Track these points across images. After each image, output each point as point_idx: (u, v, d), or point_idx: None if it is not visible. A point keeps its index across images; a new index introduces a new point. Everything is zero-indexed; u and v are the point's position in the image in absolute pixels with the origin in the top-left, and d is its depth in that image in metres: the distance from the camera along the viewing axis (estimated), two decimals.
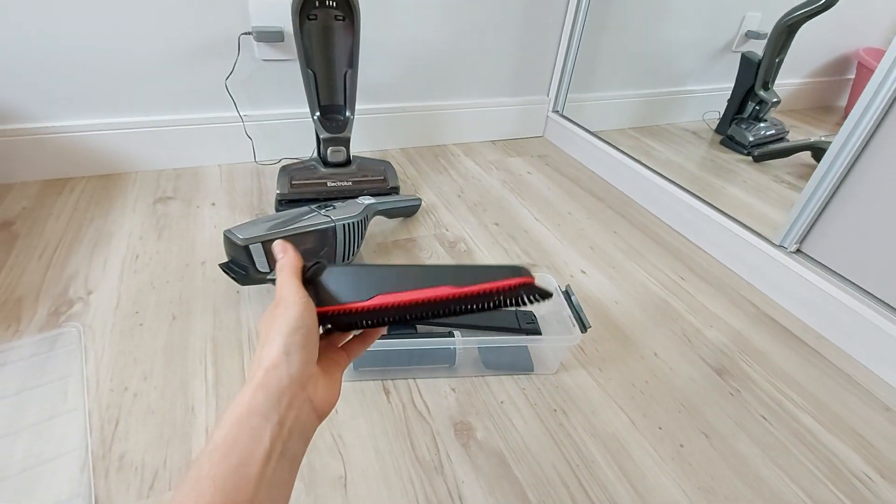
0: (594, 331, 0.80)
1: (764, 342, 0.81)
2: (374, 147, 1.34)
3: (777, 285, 0.90)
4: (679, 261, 0.99)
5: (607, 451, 0.62)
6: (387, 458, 0.59)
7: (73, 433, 0.57)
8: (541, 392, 0.69)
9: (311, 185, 1.01)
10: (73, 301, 0.76)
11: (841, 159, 0.79)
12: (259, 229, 0.72)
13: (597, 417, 0.66)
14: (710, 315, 0.86)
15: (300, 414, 0.31)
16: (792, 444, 0.65)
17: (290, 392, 0.30)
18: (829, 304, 0.82)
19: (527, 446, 0.62)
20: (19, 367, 0.64)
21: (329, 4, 0.90)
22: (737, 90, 1.46)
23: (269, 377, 0.30)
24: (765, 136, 1.41)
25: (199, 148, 1.16)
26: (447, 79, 1.33)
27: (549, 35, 1.38)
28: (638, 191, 1.20)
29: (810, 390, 0.73)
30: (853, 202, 0.81)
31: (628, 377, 0.73)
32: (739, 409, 0.69)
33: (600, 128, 1.38)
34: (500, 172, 1.29)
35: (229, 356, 0.69)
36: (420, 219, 1.05)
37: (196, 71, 1.07)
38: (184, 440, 0.58)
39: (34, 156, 1.03)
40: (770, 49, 1.36)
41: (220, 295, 0.79)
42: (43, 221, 0.93)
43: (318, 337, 0.35)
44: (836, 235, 0.83)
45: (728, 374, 0.74)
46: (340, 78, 0.99)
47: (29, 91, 0.98)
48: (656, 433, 0.65)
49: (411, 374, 0.69)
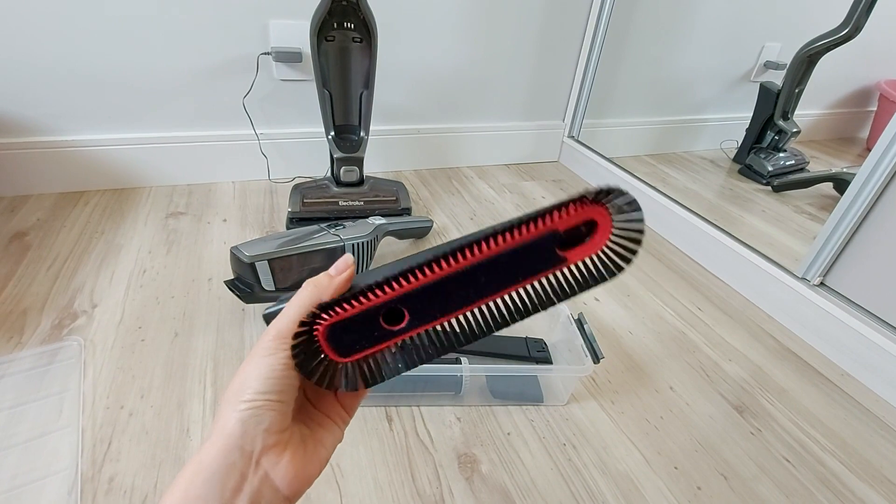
0: (607, 361, 0.77)
1: (786, 378, 0.77)
2: (387, 168, 1.34)
3: (799, 319, 0.87)
4: (696, 291, 0.96)
5: (619, 491, 0.58)
6: (386, 489, 0.56)
7: (65, 451, 0.55)
8: (550, 424, 0.66)
9: (323, 203, 1.01)
10: (78, 314, 0.75)
11: (866, 191, 0.77)
12: (266, 247, 0.71)
13: (608, 454, 0.63)
14: (728, 348, 0.82)
15: (258, 499, 0.25)
16: (817, 490, 0.61)
17: (239, 471, 0.25)
18: (854, 340, 0.78)
19: (533, 482, 0.58)
20: (17, 381, 0.62)
21: (347, 26, 0.91)
22: (755, 120, 1.44)
23: (214, 451, 0.25)
24: (784, 166, 1.38)
25: (214, 164, 1.17)
26: (462, 102, 1.33)
27: (565, 60, 1.38)
28: (654, 218, 1.18)
29: (836, 431, 0.69)
30: (879, 235, 0.78)
31: (642, 412, 0.69)
32: (760, 450, 0.65)
33: (616, 154, 1.37)
34: (514, 196, 1.28)
35: (229, 376, 0.67)
36: (431, 241, 1.04)
37: (214, 89, 1.09)
38: (176, 463, 0.56)
39: (51, 169, 1.04)
40: (790, 79, 1.34)
41: (224, 312, 0.78)
42: (55, 233, 0.93)
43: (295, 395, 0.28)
44: (862, 269, 0.80)
45: (748, 412, 0.71)
46: (356, 98, 0.99)
47: (49, 106, 0.99)
48: (672, 473, 0.61)
49: (415, 400, 0.67)
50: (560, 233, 0.25)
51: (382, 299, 0.27)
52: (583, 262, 0.26)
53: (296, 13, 1.05)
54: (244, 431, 0.25)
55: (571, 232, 0.25)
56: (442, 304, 0.27)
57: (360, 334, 0.28)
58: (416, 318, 0.27)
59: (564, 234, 0.25)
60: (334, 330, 0.27)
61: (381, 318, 0.27)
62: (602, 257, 0.26)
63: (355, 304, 0.27)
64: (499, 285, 0.26)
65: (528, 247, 0.26)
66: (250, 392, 0.26)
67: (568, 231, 0.25)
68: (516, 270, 0.26)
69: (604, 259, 0.26)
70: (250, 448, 0.25)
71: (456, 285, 0.26)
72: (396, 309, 0.27)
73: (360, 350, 0.28)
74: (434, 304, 0.27)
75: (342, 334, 0.28)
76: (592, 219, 0.25)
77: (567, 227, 0.25)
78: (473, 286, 0.26)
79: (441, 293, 0.27)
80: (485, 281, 0.26)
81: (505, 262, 0.26)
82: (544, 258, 0.26)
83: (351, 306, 0.27)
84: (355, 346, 0.28)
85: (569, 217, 0.25)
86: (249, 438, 0.25)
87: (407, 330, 0.27)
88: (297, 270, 0.74)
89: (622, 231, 0.25)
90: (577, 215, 0.25)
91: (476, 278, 0.26)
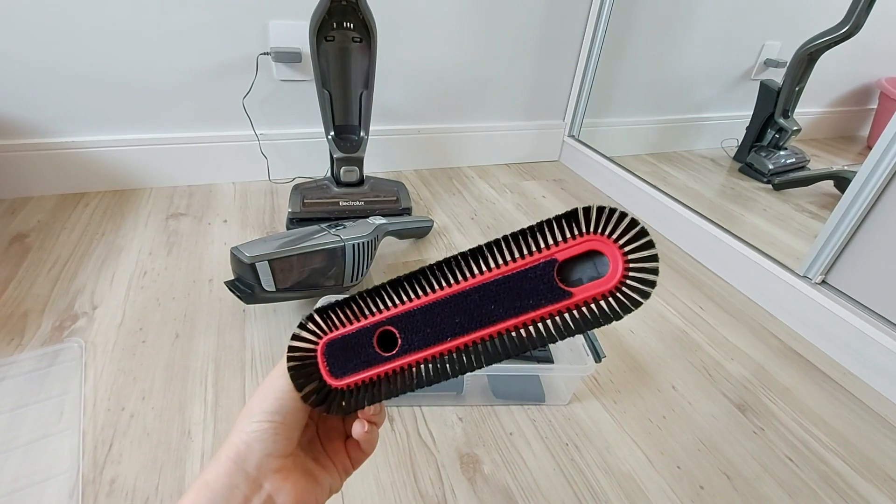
0: (609, 361, 0.77)
1: (788, 377, 0.77)
2: (388, 168, 1.34)
3: (801, 317, 0.86)
4: (698, 290, 0.96)
5: (622, 491, 0.58)
6: (388, 490, 0.56)
7: (66, 454, 0.55)
8: (552, 424, 0.66)
9: (323, 204, 1.00)
10: (78, 316, 0.75)
11: (868, 189, 0.76)
12: (267, 247, 0.71)
13: (611, 453, 0.63)
14: (730, 347, 0.82)
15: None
16: (820, 489, 0.61)
17: (242, 493, 0.25)
18: (857, 338, 0.78)
19: (536, 482, 0.58)
20: (18, 383, 0.62)
21: (347, 26, 0.91)
22: (756, 118, 1.44)
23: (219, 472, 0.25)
24: (785, 164, 1.38)
25: (214, 165, 1.16)
26: (463, 102, 1.33)
27: (565, 60, 1.37)
28: (655, 217, 1.18)
29: (839, 429, 0.69)
30: (881, 232, 0.77)
31: (644, 411, 0.69)
32: (763, 449, 0.65)
33: (617, 153, 1.37)
34: (515, 196, 1.28)
35: (230, 377, 0.67)
36: (432, 240, 1.04)
37: (214, 90, 1.08)
38: (177, 465, 0.56)
39: (52, 170, 1.04)
40: (790, 77, 1.34)
41: (225, 314, 0.78)
42: (56, 235, 0.93)
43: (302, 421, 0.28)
44: (864, 266, 0.80)
45: (751, 411, 0.71)
46: (356, 98, 0.99)
47: (49, 107, 0.99)
48: (675, 472, 0.61)
49: (417, 400, 0.67)
50: (558, 262, 0.24)
51: (377, 318, 0.27)
52: (592, 301, 0.24)
53: (295, 13, 1.05)
54: (249, 454, 0.26)
55: (571, 261, 0.24)
56: (435, 330, 0.26)
57: (353, 354, 0.28)
58: (408, 342, 0.27)
59: (563, 263, 0.24)
60: (331, 348, 0.28)
61: (374, 341, 0.27)
62: (615, 297, 0.24)
63: (349, 314, 0.27)
64: (495, 317, 0.25)
65: (524, 275, 0.24)
66: (259, 413, 0.26)
67: (567, 260, 0.24)
68: (514, 301, 0.25)
69: (617, 297, 0.24)
70: (255, 472, 0.26)
71: (450, 310, 0.25)
72: (389, 332, 0.27)
73: (353, 372, 0.28)
74: (427, 329, 0.26)
75: (338, 353, 0.28)
76: (598, 250, 0.24)
77: (567, 257, 0.24)
78: (466, 314, 0.25)
79: (434, 318, 0.26)
80: (479, 310, 0.25)
81: (500, 289, 0.25)
82: (545, 290, 0.24)
83: (345, 314, 0.27)
84: (349, 367, 0.28)
85: (569, 247, 0.24)
86: (254, 461, 0.26)
87: (399, 356, 0.27)
88: (298, 271, 0.73)
89: (637, 268, 0.23)
90: (578, 245, 0.24)
91: (469, 305, 0.25)
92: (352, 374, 0.28)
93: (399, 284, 0.26)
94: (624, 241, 0.23)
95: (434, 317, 0.26)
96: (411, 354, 0.27)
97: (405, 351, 0.27)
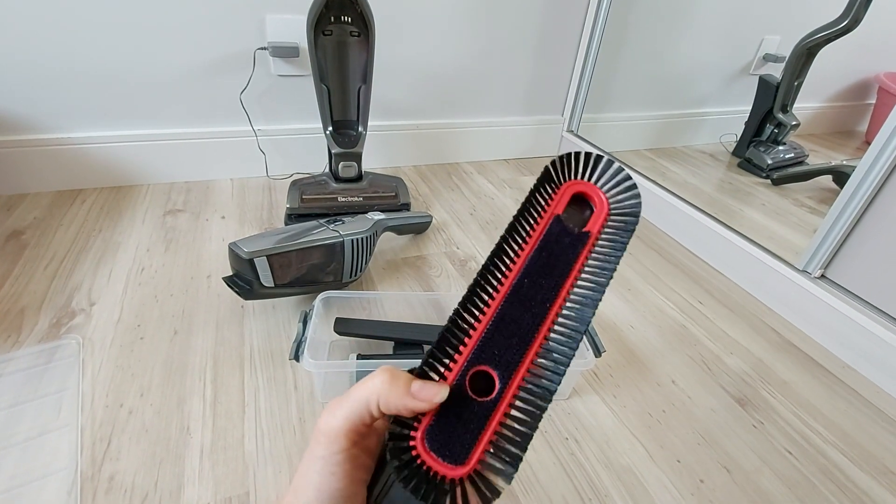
0: (608, 355, 0.77)
1: (787, 371, 0.77)
2: (386, 164, 1.34)
3: (800, 311, 0.86)
4: (697, 284, 0.96)
5: (622, 485, 0.58)
6: None
7: (64, 451, 0.55)
8: (552, 419, 0.66)
9: (322, 199, 1.00)
10: (76, 312, 0.74)
11: (867, 184, 0.76)
12: (265, 243, 0.71)
13: (611, 447, 0.63)
14: (729, 341, 0.82)
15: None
16: (820, 482, 0.61)
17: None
18: (855, 332, 0.78)
19: (536, 476, 0.58)
20: (15, 380, 0.62)
21: (344, 20, 0.90)
22: (755, 113, 1.44)
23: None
24: (783, 159, 1.38)
25: (212, 161, 1.16)
26: (461, 97, 1.32)
27: (564, 55, 1.37)
28: (654, 212, 1.17)
29: (837, 423, 0.69)
30: (880, 227, 0.77)
31: (644, 405, 0.69)
32: (763, 443, 0.65)
33: (615, 148, 1.37)
34: (514, 191, 1.27)
35: (229, 373, 0.67)
36: (431, 236, 1.03)
37: (211, 85, 1.08)
38: (176, 461, 0.55)
39: (48, 166, 1.04)
40: (789, 72, 1.34)
41: (223, 310, 0.78)
42: (52, 232, 0.92)
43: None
44: (863, 261, 0.80)
45: (750, 405, 0.71)
46: (354, 93, 0.98)
47: (45, 103, 0.99)
48: (674, 466, 0.61)
49: None
50: (560, 215, 0.26)
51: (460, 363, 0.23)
52: (604, 226, 0.26)
53: (292, 7, 1.04)
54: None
55: (568, 211, 0.26)
56: (519, 337, 0.24)
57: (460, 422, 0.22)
58: (502, 367, 0.23)
59: (565, 215, 0.26)
60: (431, 433, 0.22)
61: (468, 389, 0.23)
62: (615, 216, 0.26)
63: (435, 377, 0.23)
64: (556, 286, 0.24)
65: (545, 243, 0.25)
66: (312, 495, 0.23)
67: (566, 211, 0.26)
68: (556, 267, 0.25)
69: (617, 218, 0.26)
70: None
71: (517, 309, 0.24)
72: (478, 372, 0.23)
73: (474, 444, 0.22)
74: (512, 339, 0.24)
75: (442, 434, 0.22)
76: (579, 192, 0.26)
77: (563, 209, 0.26)
78: (531, 302, 0.24)
79: (508, 327, 0.24)
80: (538, 293, 0.24)
81: (539, 264, 0.25)
82: (569, 242, 0.25)
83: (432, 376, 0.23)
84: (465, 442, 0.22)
85: (558, 201, 0.26)
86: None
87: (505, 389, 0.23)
88: (297, 266, 0.73)
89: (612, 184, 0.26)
90: (563, 195, 0.26)
91: (527, 294, 0.24)
92: (474, 447, 0.22)
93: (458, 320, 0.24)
94: (589, 173, 0.26)
95: (507, 325, 0.24)
96: (515, 377, 0.23)
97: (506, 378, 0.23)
